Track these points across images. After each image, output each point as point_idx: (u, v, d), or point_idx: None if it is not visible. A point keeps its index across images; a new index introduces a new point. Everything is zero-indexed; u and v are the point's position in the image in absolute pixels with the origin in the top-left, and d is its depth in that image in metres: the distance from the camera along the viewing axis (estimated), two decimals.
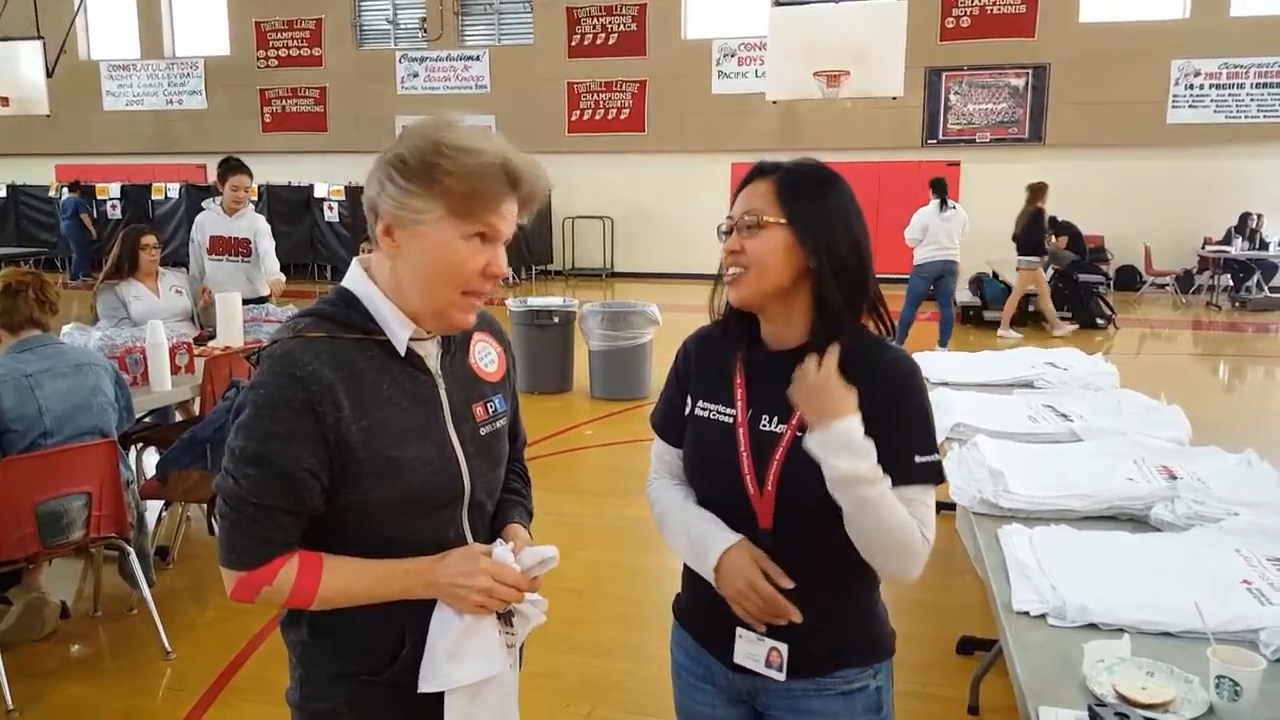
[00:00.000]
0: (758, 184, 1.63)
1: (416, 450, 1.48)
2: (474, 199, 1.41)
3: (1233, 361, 10.95)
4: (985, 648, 3.56)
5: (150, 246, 5.40)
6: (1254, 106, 15.98)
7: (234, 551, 1.42)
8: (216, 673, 3.58)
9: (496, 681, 1.54)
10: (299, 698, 1.57)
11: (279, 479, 1.39)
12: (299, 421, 1.39)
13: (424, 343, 1.53)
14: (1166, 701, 1.54)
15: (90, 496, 3.54)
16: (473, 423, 1.57)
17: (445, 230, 1.42)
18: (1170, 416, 3.36)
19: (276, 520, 1.41)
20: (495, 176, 1.42)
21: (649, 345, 8.20)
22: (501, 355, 1.68)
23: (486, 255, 1.45)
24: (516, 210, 1.48)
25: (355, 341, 1.47)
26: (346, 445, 1.42)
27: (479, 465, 1.57)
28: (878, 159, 17.43)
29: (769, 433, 1.61)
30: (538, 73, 18.88)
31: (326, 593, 1.44)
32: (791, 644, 1.62)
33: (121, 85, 21.41)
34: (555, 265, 19.42)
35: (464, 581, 1.45)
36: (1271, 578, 2.02)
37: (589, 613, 4.12)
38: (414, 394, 1.50)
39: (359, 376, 1.45)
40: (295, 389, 1.39)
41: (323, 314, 1.48)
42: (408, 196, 1.42)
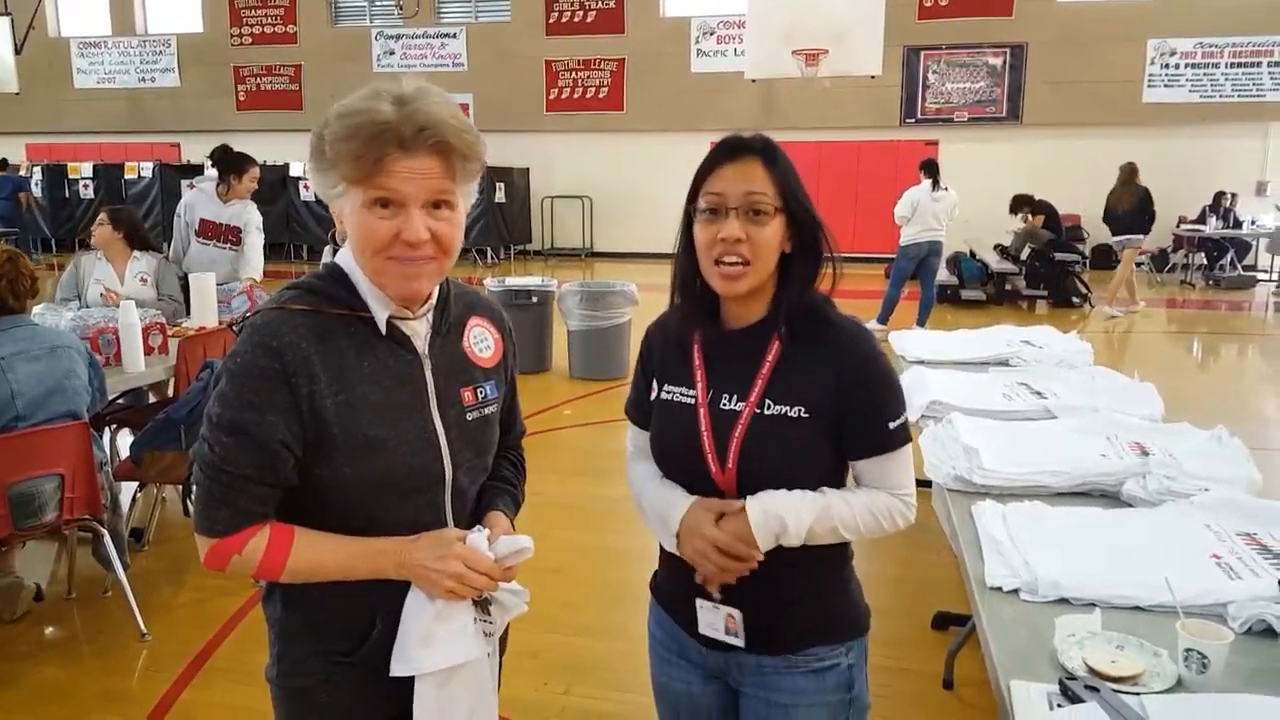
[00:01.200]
0: (747, 163, 1.57)
1: (395, 430, 1.46)
2: (358, 162, 1.36)
3: (1206, 339, 11.05)
4: (960, 623, 3.59)
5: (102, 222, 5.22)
6: (1229, 86, 16.09)
7: (206, 518, 1.43)
8: (193, 653, 3.57)
9: (470, 669, 1.52)
10: (276, 674, 1.58)
11: (252, 449, 1.39)
12: (274, 393, 1.39)
13: (411, 322, 1.51)
14: (1136, 674, 1.56)
15: (63, 478, 3.51)
16: (459, 406, 1.55)
17: (352, 201, 1.40)
18: (1143, 394, 3.39)
19: (248, 490, 1.41)
20: (371, 134, 1.34)
21: (628, 325, 8.19)
22: (499, 342, 1.65)
23: (397, 222, 1.38)
24: (433, 165, 1.38)
25: (339, 317, 1.45)
26: (321, 419, 1.41)
27: (462, 450, 1.55)
28: (856, 138, 17.46)
29: (729, 411, 1.61)
30: (515, 50, 18.77)
31: (296, 565, 1.43)
32: (757, 619, 1.63)
33: (92, 62, 21.15)
34: (534, 245, 19.38)
35: (435, 565, 1.43)
36: (1240, 552, 2.04)
37: (567, 592, 4.13)
38: (397, 373, 1.48)
39: (339, 352, 1.44)
40: (271, 360, 1.39)
41: (310, 287, 1.47)
42: (317, 175, 1.43)
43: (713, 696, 1.76)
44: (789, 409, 1.57)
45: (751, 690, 1.69)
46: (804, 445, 1.58)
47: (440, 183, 1.40)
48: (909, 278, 10.29)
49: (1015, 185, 14.24)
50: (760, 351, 1.61)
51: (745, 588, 1.61)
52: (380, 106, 1.35)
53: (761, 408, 1.58)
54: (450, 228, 1.43)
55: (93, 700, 3.31)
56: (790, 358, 1.60)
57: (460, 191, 1.45)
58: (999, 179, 15.60)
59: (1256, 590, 1.81)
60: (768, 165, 1.57)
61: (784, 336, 1.60)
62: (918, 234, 10.00)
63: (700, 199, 1.59)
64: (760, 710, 1.68)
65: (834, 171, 16.95)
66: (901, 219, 10.04)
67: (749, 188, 1.55)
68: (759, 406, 1.58)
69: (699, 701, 1.77)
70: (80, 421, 3.57)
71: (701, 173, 1.61)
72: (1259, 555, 2.02)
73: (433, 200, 1.40)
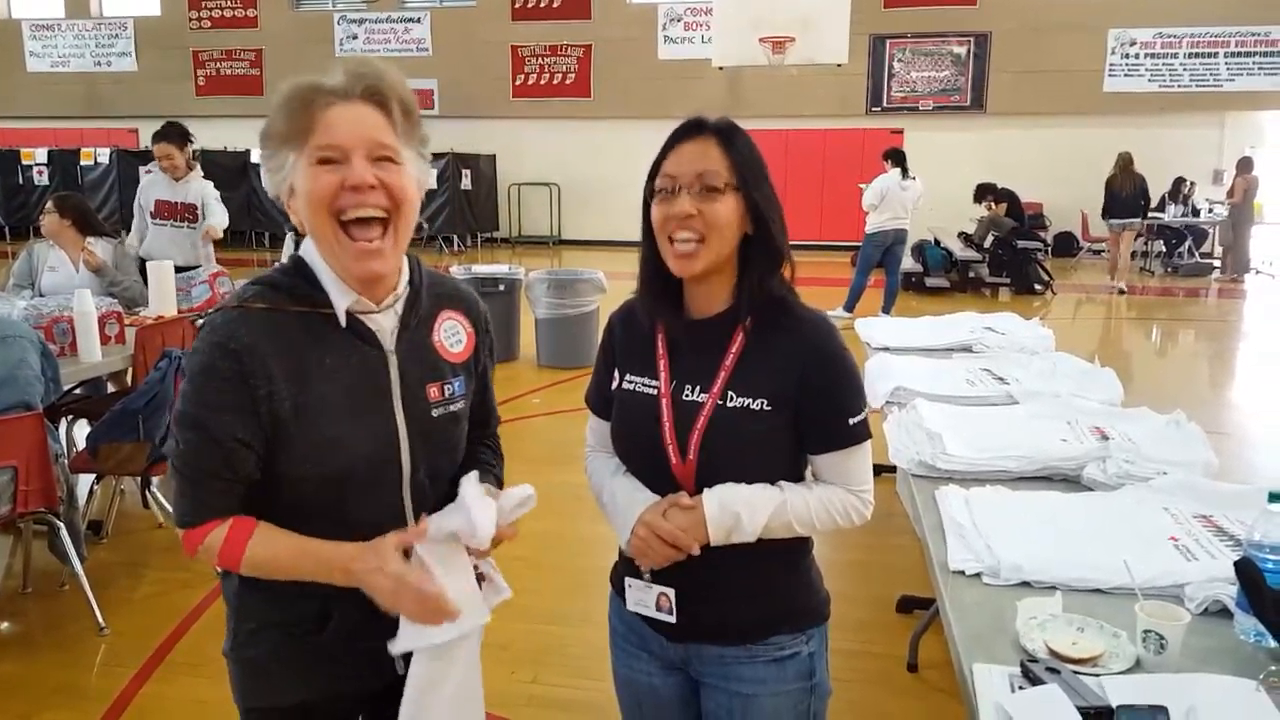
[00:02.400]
0: (702, 143, 1.55)
1: (354, 428, 1.45)
2: (294, 118, 1.39)
3: (1164, 325, 11.21)
4: (924, 606, 3.62)
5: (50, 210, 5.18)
6: (1186, 75, 16.30)
7: (177, 510, 1.46)
8: (153, 647, 3.52)
9: (465, 645, 1.52)
10: (230, 647, 1.58)
11: (211, 446, 1.40)
12: (232, 393, 1.39)
13: (375, 316, 1.49)
14: (1095, 656, 1.57)
15: (16, 471, 3.44)
16: (424, 403, 1.53)
17: (299, 169, 1.40)
18: (1103, 379, 3.42)
19: (209, 485, 1.43)
20: (306, 93, 1.39)
21: (595, 313, 8.17)
22: (472, 336, 1.63)
23: (340, 173, 1.38)
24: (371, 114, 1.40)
25: (299, 315, 1.44)
26: (278, 419, 1.41)
27: (423, 447, 1.53)
28: (823, 126, 17.51)
29: (691, 402, 1.60)
30: (481, 35, 18.63)
31: (252, 560, 1.44)
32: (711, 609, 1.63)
33: (46, 45, 20.75)
34: (501, 233, 19.28)
35: (373, 579, 1.39)
36: (1198, 535, 2.06)
37: (534, 580, 4.12)
38: (359, 370, 1.47)
39: (298, 351, 1.43)
40: (228, 361, 1.39)
41: (272, 283, 1.47)
42: (268, 160, 1.44)
43: (674, 688, 1.75)
44: (751, 401, 1.56)
45: (713, 681, 1.68)
46: (765, 438, 1.57)
47: (381, 133, 1.40)
48: (875, 266, 10.34)
49: (979, 173, 14.38)
50: (724, 342, 1.59)
51: (703, 580, 1.61)
52: (318, 76, 1.41)
53: (724, 400, 1.56)
54: (399, 178, 1.42)
55: (49, 695, 3.26)
56: (754, 350, 1.58)
57: (405, 149, 1.44)
58: (963, 167, 15.73)
59: (1212, 571, 1.83)
60: (724, 145, 1.55)
61: (748, 328, 1.59)
62: (884, 222, 10.04)
63: (656, 180, 1.58)
64: (722, 700, 1.67)
65: (800, 159, 17.01)
66: (869, 206, 10.08)
67: (701, 166, 1.53)
68: (721, 398, 1.57)
69: (661, 693, 1.76)
70: (34, 412, 3.50)
71: (660, 155, 1.59)
72: (1215, 537, 2.05)
73: (376, 153, 1.40)
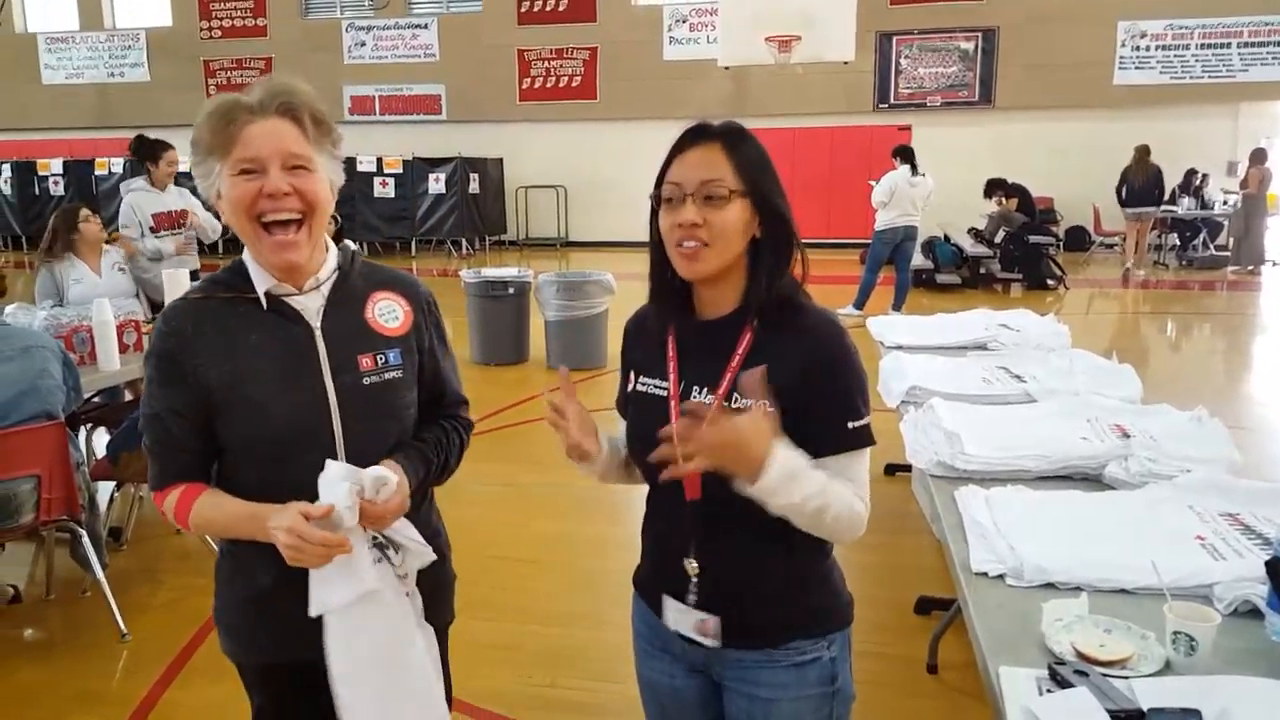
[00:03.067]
0: (707, 149, 1.55)
1: (281, 393, 1.62)
2: (216, 132, 1.57)
3: (1180, 319, 11.14)
4: (943, 607, 3.60)
5: (89, 217, 5.34)
6: (1199, 67, 16.19)
7: (149, 474, 1.70)
8: (173, 653, 3.53)
9: (374, 603, 1.62)
10: (215, 607, 1.81)
11: (153, 419, 1.65)
12: (168, 369, 1.63)
13: (299, 298, 1.68)
14: (1124, 658, 1.56)
15: (39, 479, 3.47)
16: (355, 373, 1.68)
17: (223, 179, 1.59)
18: (1122, 376, 3.40)
19: (163, 454, 1.66)
20: (226, 108, 1.57)
21: (605, 315, 8.17)
22: (409, 314, 1.78)
23: (259, 182, 1.57)
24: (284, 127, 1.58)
25: (228, 299, 1.66)
26: (206, 388, 1.61)
27: (355, 413, 1.67)
28: (830, 124, 17.46)
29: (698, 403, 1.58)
30: (487, 40, 18.64)
31: (195, 521, 1.65)
32: (725, 615, 1.61)
33: (60, 58, 20.85)
34: (509, 235, 19.29)
35: (275, 535, 1.53)
36: (1224, 533, 2.05)
37: (547, 583, 4.12)
38: (285, 343, 1.65)
39: (225, 329, 1.63)
40: (164, 341, 1.64)
41: (211, 278, 1.71)
42: (197, 167, 1.63)
43: (696, 690, 1.74)
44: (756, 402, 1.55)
45: (734, 684, 1.67)
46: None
47: (294, 144, 1.59)
48: (885, 263, 10.31)
49: (988, 169, 14.30)
50: (732, 342, 1.59)
51: (724, 583, 1.60)
52: (238, 95, 1.59)
53: (730, 401, 1.55)
54: (311, 184, 1.61)
55: (72, 702, 3.27)
56: (761, 350, 1.57)
57: (318, 155, 1.63)
58: (972, 163, 15.65)
59: (1241, 571, 1.82)
60: (729, 150, 1.54)
61: (756, 329, 1.58)
62: (894, 219, 10.02)
63: (663, 188, 1.57)
64: (743, 704, 1.66)
65: (808, 157, 16.97)
66: (879, 203, 10.06)
67: (705, 174, 1.53)
68: (727, 400, 1.56)
69: (683, 695, 1.75)
70: (56, 422, 3.53)
71: (665, 161, 1.59)
72: (1242, 535, 2.03)
73: (290, 163, 1.58)
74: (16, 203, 18.71)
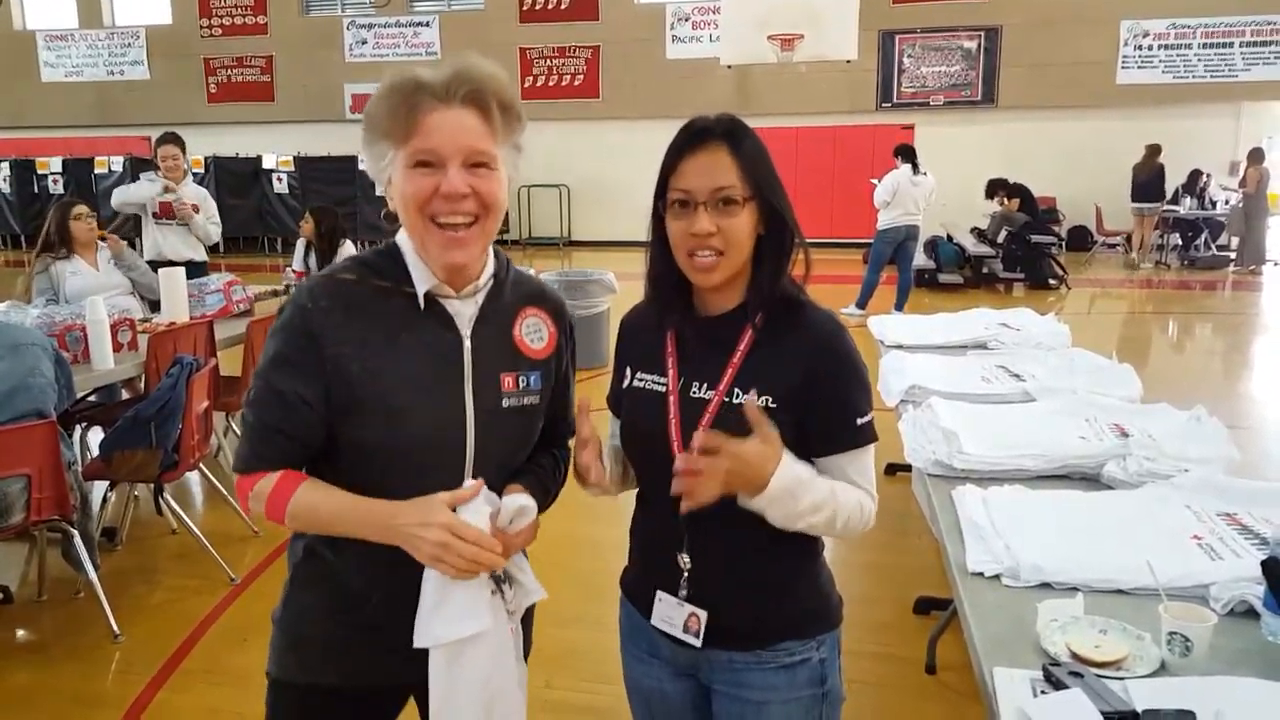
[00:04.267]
0: (713, 152, 1.52)
1: (421, 401, 1.48)
2: (395, 115, 1.42)
3: (1181, 320, 11.11)
4: (942, 607, 3.58)
5: (83, 215, 5.33)
6: (1201, 67, 16.16)
7: (237, 455, 1.52)
8: (167, 654, 3.52)
9: (484, 643, 1.50)
10: (281, 616, 1.62)
11: (273, 397, 1.46)
12: (302, 351, 1.45)
13: (454, 302, 1.53)
14: (1119, 659, 1.54)
15: (30, 479, 3.44)
16: (495, 391, 1.54)
17: (399, 167, 1.45)
18: (1121, 375, 3.38)
19: (266, 436, 1.48)
20: (408, 89, 1.42)
21: (606, 314, 8.16)
22: (554, 335, 1.65)
23: (436, 179, 1.42)
24: (470, 119, 1.43)
25: (381, 289, 1.51)
26: (344, 380, 1.45)
27: (490, 435, 1.53)
28: (832, 123, 17.43)
29: (698, 399, 1.58)
30: (489, 38, 18.60)
31: (295, 509, 1.47)
32: (715, 612, 1.59)
33: (60, 56, 20.83)
34: (512, 234, 19.27)
35: (418, 532, 1.41)
36: (1221, 533, 2.03)
37: (547, 583, 4.06)
38: (434, 349, 1.51)
39: (374, 320, 1.48)
40: (304, 319, 1.46)
41: (362, 260, 1.54)
42: (369, 149, 1.49)
43: (685, 694, 1.72)
44: (757, 399, 1.53)
45: (723, 687, 1.65)
46: None
47: (478, 140, 1.44)
48: (887, 262, 10.29)
49: (991, 168, 14.28)
50: (733, 339, 1.57)
51: (713, 583, 1.59)
52: (419, 69, 1.44)
53: (730, 396, 1.54)
54: (491, 185, 1.46)
55: (65, 704, 3.26)
56: (762, 347, 1.56)
57: (501, 151, 1.48)
58: (975, 162, 15.64)
59: (1238, 571, 1.80)
60: (734, 151, 1.52)
61: (758, 325, 1.57)
62: (896, 218, 10.00)
63: (669, 193, 1.55)
64: (732, 708, 1.64)
65: (811, 156, 16.95)
66: (881, 203, 10.04)
67: (717, 182, 1.50)
68: (728, 395, 1.54)
69: (671, 699, 1.73)
70: (47, 420, 3.50)
71: (668, 163, 1.55)
72: (1239, 535, 2.01)
73: (471, 160, 1.44)
74: (15, 201, 18.70)
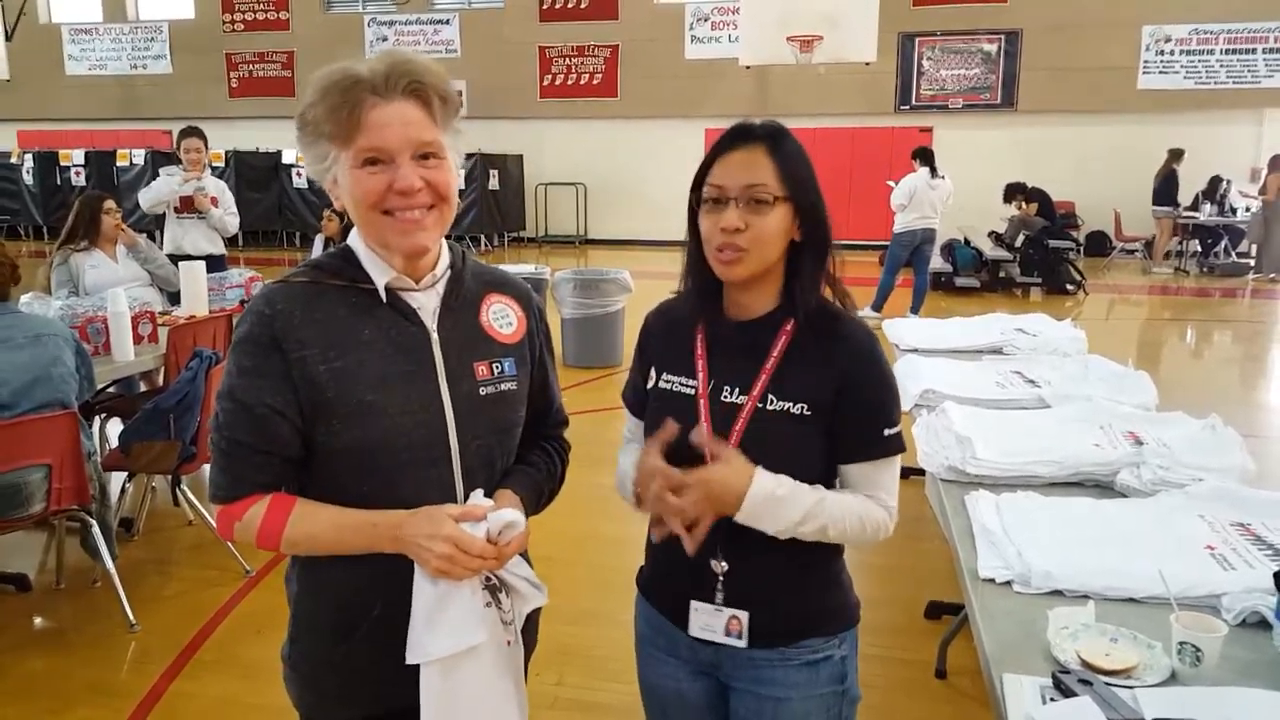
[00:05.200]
0: (750, 151, 1.54)
1: (394, 396, 1.45)
2: (336, 115, 1.38)
3: (1200, 327, 11.04)
4: (953, 612, 3.58)
5: (112, 211, 5.36)
6: (1223, 72, 16.05)
7: (213, 484, 1.46)
8: (182, 645, 3.55)
9: (478, 656, 1.47)
10: (289, 654, 1.59)
11: (244, 414, 1.41)
12: (265, 359, 1.41)
13: (416, 294, 1.51)
14: (1130, 668, 1.54)
15: (50, 468, 3.48)
16: (471, 380, 1.52)
17: (344, 166, 1.41)
18: (1137, 382, 3.37)
19: (247, 457, 1.43)
20: (345, 85, 1.38)
21: (621, 313, 8.17)
22: (523, 320, 1.63)
23: (388, 175, 1.39)
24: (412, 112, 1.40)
25: (339, 288, 1.47)
26: (313, 384, 1.41)
27: (472, 425, 1.52)
28: (851, 125, 17.39)
29: (730, 404, 1.58)
30: (509, 36, 18.67)
31: (292, 535, 1.43)
32: (753, 612, 1.61)
33: (84, 49, 21.00)
34: (528, 232, 19.31)
35: (425, 543, 1.38)
36: (1235, 543, 2.03)
37: (559, 580, 4.06)
38: (399, 343, 1.48)
39: (336, 319, 1.45)
40: (263, 326, 1.42)
41: (315, 263, 1.51)
42: (307, 151, 1.45)
43: (701, 693, 1.73)
44: (791, 406, 1.54)
45: (743, 685, 1.66)
46: (802, 444, 1.55)
47: (424, 131, 1.41)
48: (903, 265, 10.27)
49: (1009, 172, 14.23)
50: (766, 345, 1.58)
51: (749, 584, 1.60)
52: (353, 64, 1.40)
53: (764, 402, 1.55)
54: (443, 174, 1.44)
55: (81, 691, 3.29)
56: (796, 354, 1.57)
57: (446, 139, 1.45)
58: (993, 166, 15.58)
59: (1250, 582, 1.80)
60: (771, 152, 1.53)
61: (792, 332, 1.57)
62: (913, 221, 9.97)
63: (705, 189, 1.56)
64: (752, 705, 1.66)
65: (828, 158, 16.89)
66: (898, 206, 10.00)
67: (749, 179, 1.52)
68: (761, 401, 1.55)
69: (688, 699, 1.74)
70: (68, 411, 3.54)
71: (706, 161, 1.58)
72: (1253, 546, 2.01)
73: (420, 151, 1.41)
74: (38, 193, 18.86)
